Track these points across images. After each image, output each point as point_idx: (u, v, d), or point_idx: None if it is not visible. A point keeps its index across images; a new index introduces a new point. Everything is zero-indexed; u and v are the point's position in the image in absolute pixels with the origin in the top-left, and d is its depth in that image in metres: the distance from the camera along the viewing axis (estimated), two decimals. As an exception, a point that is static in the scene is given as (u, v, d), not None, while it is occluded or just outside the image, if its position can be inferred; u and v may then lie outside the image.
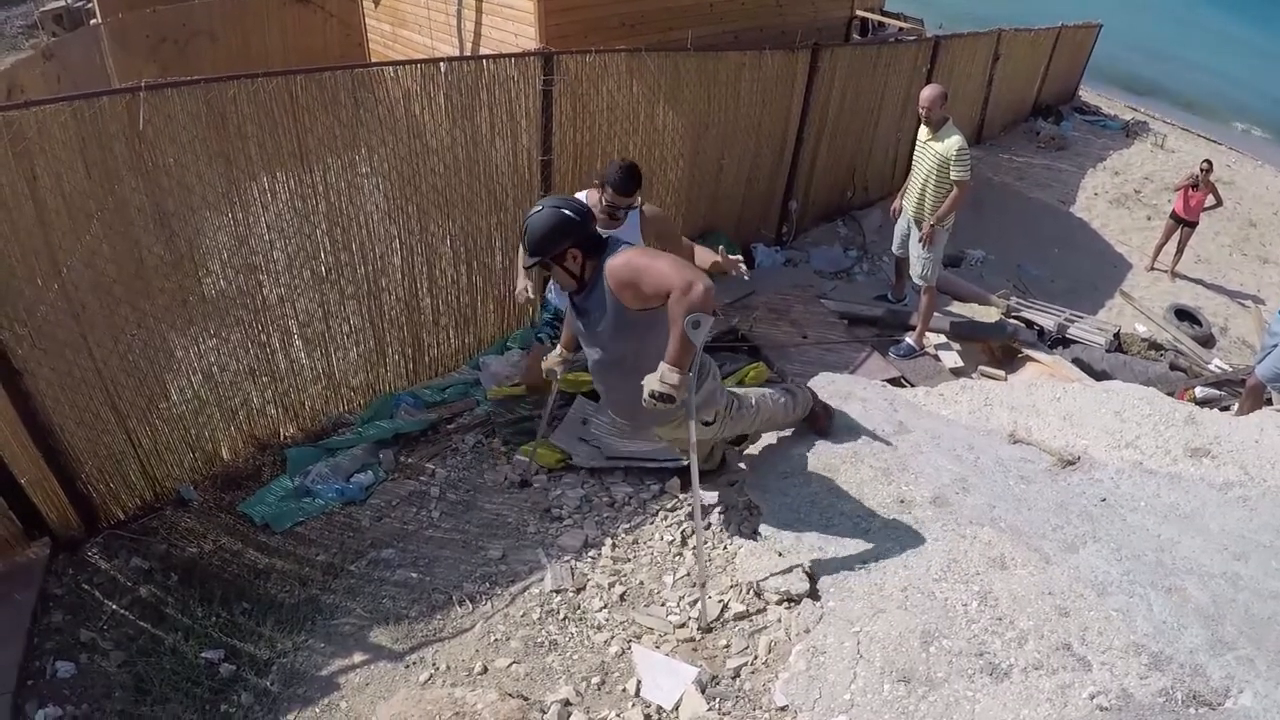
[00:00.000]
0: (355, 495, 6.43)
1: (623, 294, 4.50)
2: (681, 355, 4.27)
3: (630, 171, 5.83)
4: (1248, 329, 13.03)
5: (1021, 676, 3.99)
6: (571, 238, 4.58)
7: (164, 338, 6.09)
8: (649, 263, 4.44)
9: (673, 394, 4.27)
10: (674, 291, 4.20)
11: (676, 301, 4.19)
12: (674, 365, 4.27)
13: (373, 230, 7.02)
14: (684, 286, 4.17)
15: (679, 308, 4.18)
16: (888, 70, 12.86)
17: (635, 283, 4.42)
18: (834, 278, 11.76)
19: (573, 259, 4.64)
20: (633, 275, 4.43)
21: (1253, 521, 5.15)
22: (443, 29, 12.93)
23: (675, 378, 4.26)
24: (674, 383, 4.26)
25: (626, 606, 5.12)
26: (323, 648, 5.16)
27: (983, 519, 4.94)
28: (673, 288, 4.21)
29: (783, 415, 5.78)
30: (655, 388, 4.29)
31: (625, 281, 4.46)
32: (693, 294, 4.16)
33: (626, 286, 4.46)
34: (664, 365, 4.29)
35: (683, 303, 4.17)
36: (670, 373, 4.26)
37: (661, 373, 4.29)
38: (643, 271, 4.40)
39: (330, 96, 6.35)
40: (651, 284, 4.33)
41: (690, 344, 4.25)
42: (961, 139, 8.59)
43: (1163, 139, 20.44)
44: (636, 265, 4.46)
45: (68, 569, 5.70)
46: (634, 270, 4.44)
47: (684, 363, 4.29)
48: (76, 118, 5.11)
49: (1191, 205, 13.97)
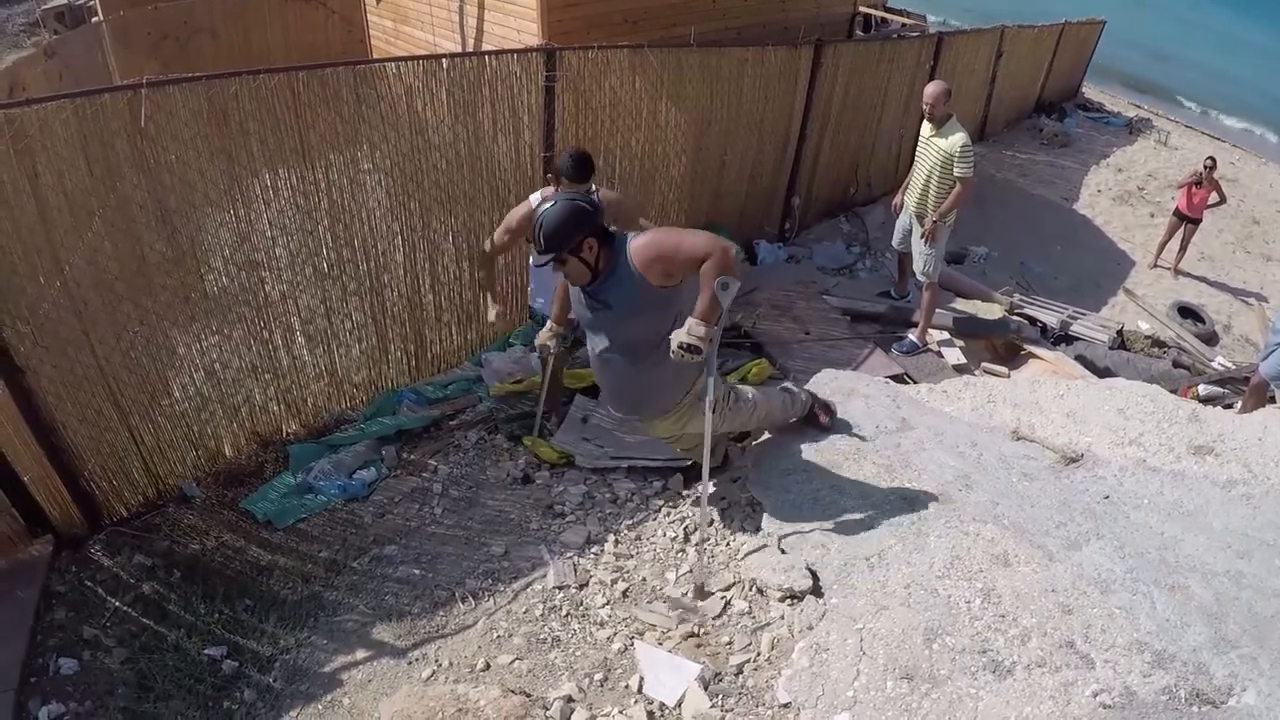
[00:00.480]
0: (358, 492, 6.43)
1: (650, 271, 4.60)
2: (709, 312, 4.51)
3: (581, 158, 5.85)
4: (1251, 327, 13.01)
5: (1024, 674, 3.98)
6: (588, 227, 4.64)
7: (166, 335, 6.08)
8: (677, 238, 4.71)
9: (700, 345, 4.48)
10: (710, 257, 4.45)
11: (711, 265, 4.45)
12: (702, 319, 4.50)
13: (375, 226, 7.01)
14: (719, 253, 4.49)
15: (713, 270, 4.45)
16: (890, 66, 12.84)
17: (667, 257, 4.59)
18: (837, 274, 11.74)
19: (589, 249, 4.68)
20: (662, 250, 4.61)
21: (1256, 519, 5.15)
22: (444, 25, 12.92)
23: (703, 329, 4.49)
24: (701, 334, 4.48)
25: (629, 603, 5.12)
26: (325, 644, 5.17)
27: (986, 516, 4.93)
28: (708, 253, 4.47)
29: (780, 413, 5.82)
30: (684, 339, 4.49)
31: (654, 258, 4.60)
32: (726, 258, 4.47)
33: (656, 262, 4.60)
34: (691, 320, 4.51)
35: (718, 266, 4.45)
36: (698, 325, 4.49)
37: (689, 325, 4.50)
38: (677, 245, 4.61)
39: (332, 93, 6.34)
40: (685, 255, 4.55)
41: (718, 303, 4.51)
42: (965, 135, 8.57)
43: (1166, 136, 20.40)
44: (664, 242, 4.67)
45: (70, 566, 5.71)
46: (662, 247, 4.63)
47: (711, 318, 4.52)
48: (78, 115, 5.11)
49: (1195, 202, 13.94)
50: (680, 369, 4.72)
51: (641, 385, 5.05)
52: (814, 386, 6.51)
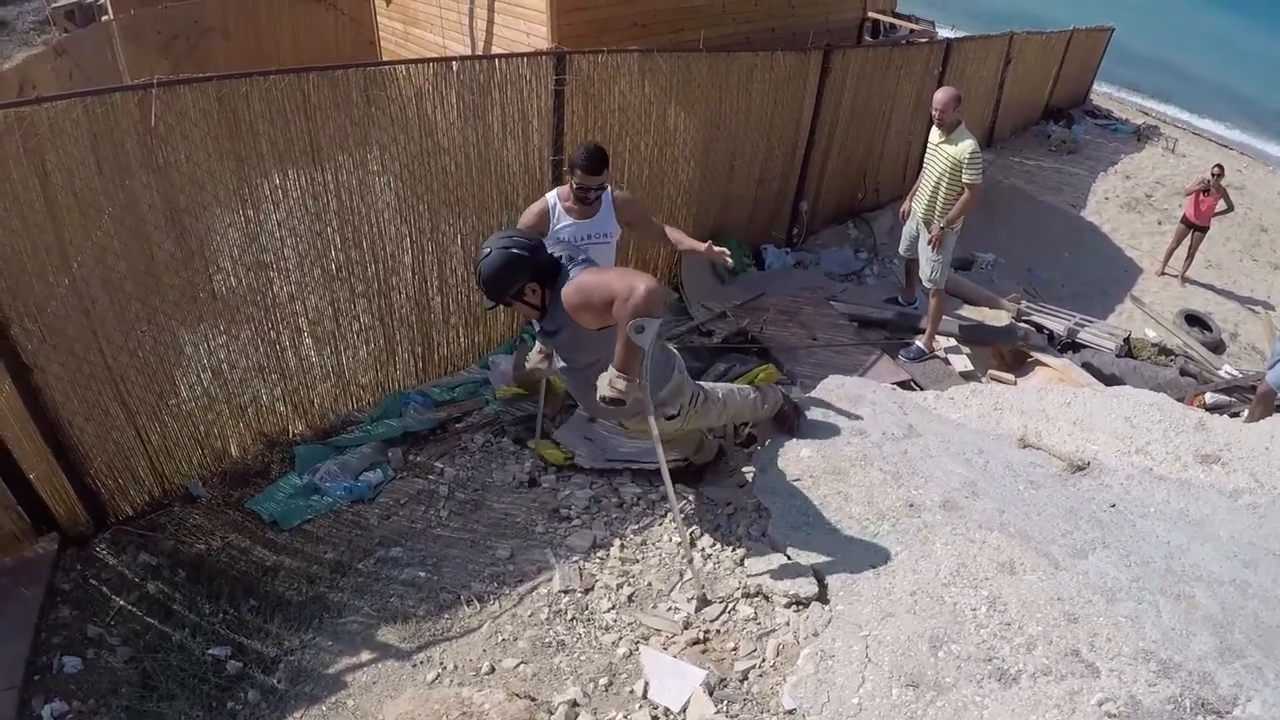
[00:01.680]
0: (363, 493, 6.43)
1: (580, 317, 4.56)
2: (627, 360, 4.34)
3: (595, 152, 5.83)
4: (1258, 335, 13.01)
5: (1030, 682, 3.98)
6: (527, 272, 4.65)
7: (174, 334, 6.09)
8: (596, 279, 4.51)
9: (621, 398, 4.36)
10: (616, 299, 4.26)
11: (620, 308, 4.25)
12: (621, 370, 4.36)
13: (383, 229, 7.01)
14: (625, 292, 4.22)
15: (621, 313, 4.24)
16: (899, 72, 12.84)
17: (587, 303, 4.48)
18: (844, 280, 11.74)
19: (532, 293, 4.72)
20: (584, 296, 4.50)
21: (1262, 529, 5.14)
22: (454, 28, 12.93)
23: (622, 383, 4.35)
24: (621, 388, 4.35)
25: (634, 608, 5.12)
26: (330, 646, 5.17)
27: (992, 524, 4.93)
28: (616, 295, 4.26)
29: (750, 410, 5.86)
30: (605, 392, 4.39)
31: (578, 305, 4.52)
32: (634, 298, 4.20)
33: (581, 310, 4.53)
34: (611, 370, 4.37)
35: (625, 308, 4.23)
36: (617, 379, 4.36)
37: (610, 377, 4.38)
38: (591, 289, 4.46)
39: (342, 95, 6.35)
40: (600, 298, 4.39)
41: (635, 347, 4.31)
42: (974, 142, 8.56)
43: (1174, 143, 20.41)
44: (585, 285, 4.52)
45: (75, 564, 5.71)
46: (584, 291, 4.50)
47: (630, 367, 4.36)
48: (88, 114, 5.12)
49: (1202, 210, 13.95)
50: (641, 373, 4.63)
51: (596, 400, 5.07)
52: (821, 393, 6.53)
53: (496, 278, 4.61)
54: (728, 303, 9.95)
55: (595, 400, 4.94)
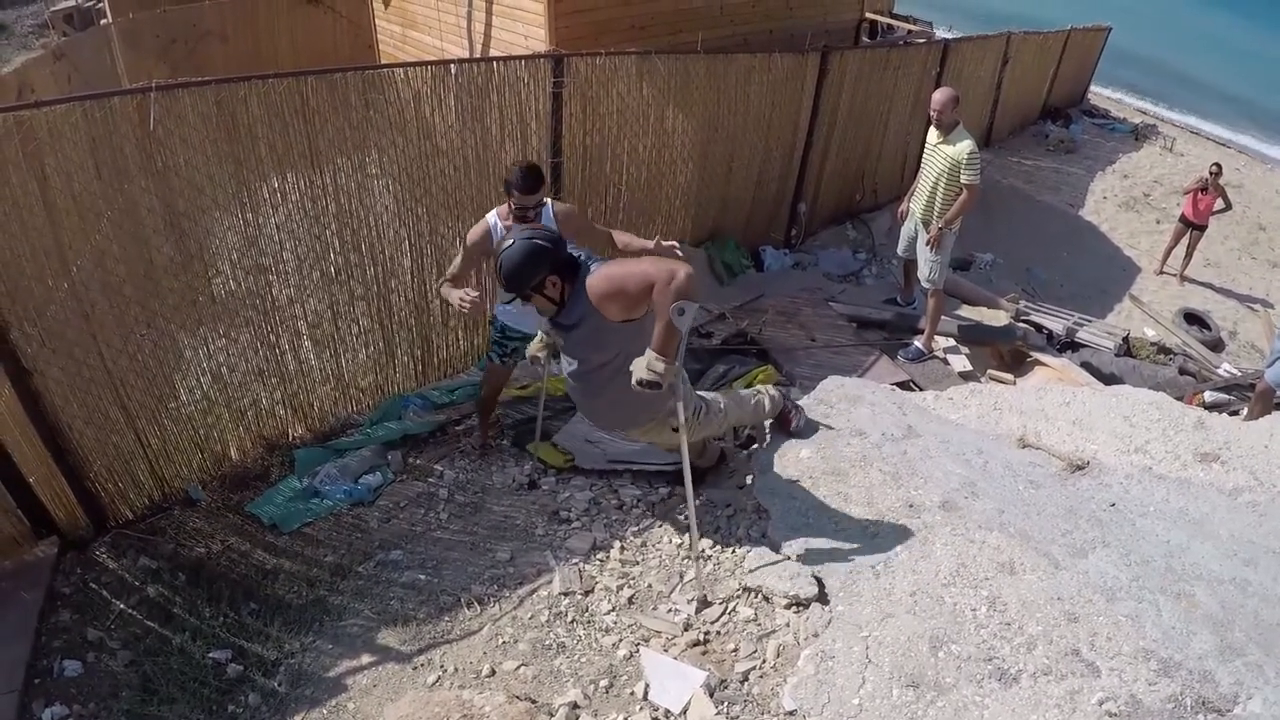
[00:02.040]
0: (363, 496, 6.43)
1: (606, 308, 4.57)
2: (667, 342, 4.34)
3: (530, 170, 5.76)
4: (1257, 333, 13.03)
5: (1030, 682, 3.98)
6: (548, 265, 4.64)
7: (173, 338, 6.10)
8: (628, 269, 4.56)
9: (659, 380, 4.34)
10: (658, 282, 4.28)
11: (661, 291, 4.27)
12: (660, 353, 4.35)
13: (382, 231, 7.02)
14: (666, 276, 4.27)
15: (664, 297, 4.27)
16: (897, 73, 12.86)
17: (620, 291, 4.50)
18: (843, 281, 11.77)
19: (552, 286, 4.69)
20: (615, 285, 4.51)
21: (1262, 527, 5.14)
22: (452, 30, 12.94)
23: (661, 365, 4.33)
24: (660, 370, 4.33)
25: (635, 609, 5.11)
26: (330, 649, 5.17)
27: (992, 524, 4.92)
28: (656, 279, 4.29)
29: (751, 415, 5.88)
30: (643, 375, 4.36)
31: (608, 294, 4.53)
32: (676, 281, 4.25)
33: (611, 299, 4.54)
34: (650, 353, 4.36)
35: (667, 291, 4.25)
36: (656, 360, 4.34)
37: (648, 360, 4.36)
38: (624, 278, 4.50)
39: (341, 98, 6.36)
40: (636, 285, 4.42)
41: (676, 331, 4.33)
42: (972, 143, 8.58)
43: (1172, 142, 20.42)
44: (616, 275, 4.56)
45: (75, 568, 5.72)
46: (615, 281, 4.53)
47: (670, 350, 4.36)
48: (87, 118, 5.13)
49: (1200, 209, 13.96)
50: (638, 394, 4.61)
51: (611, 406, 5.11)
52: (820, 393, 6.52)
53: (519, 268, 4.61)
54: (726, 304, 9.97)
55: (603, 403, 4.98)
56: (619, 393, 4.74)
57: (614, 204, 9.14)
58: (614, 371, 4.72)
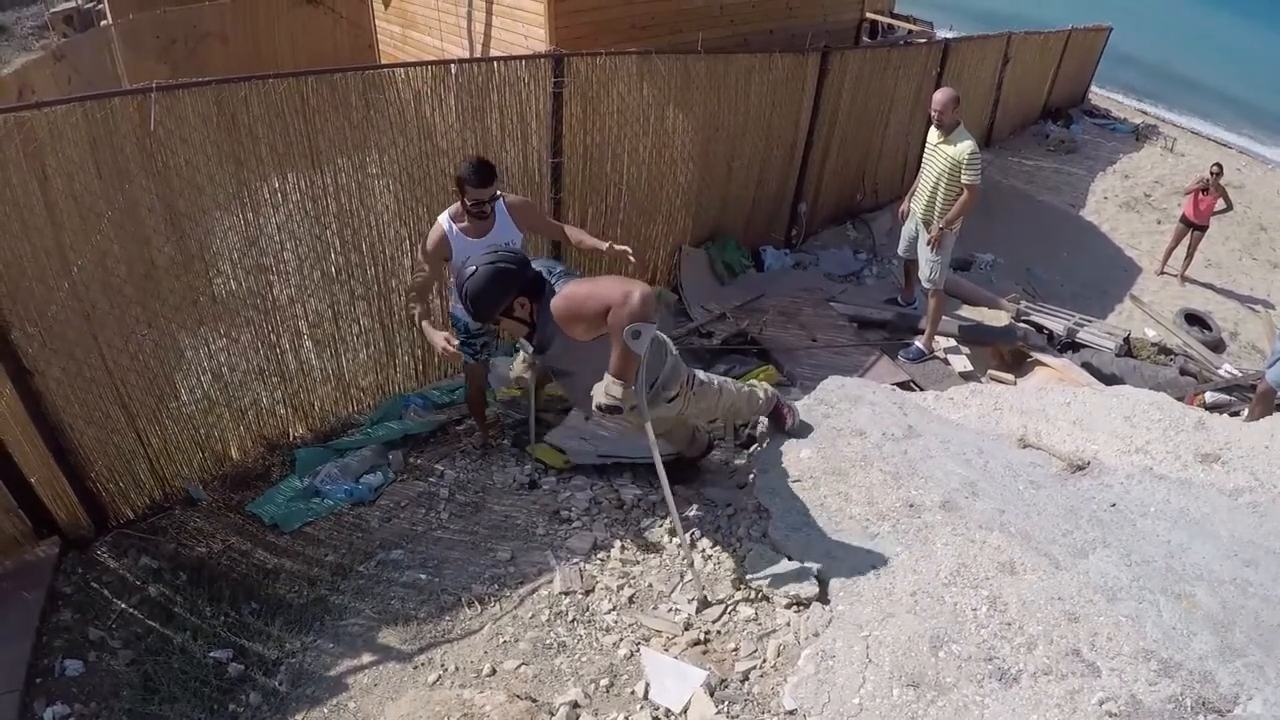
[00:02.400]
0: (364, 496, 6.43)
1: (572, 329, 4.55)
2: (624, 366, 4.36)
3: (482, 164, 5.68)
4: (1258, 334, 13.02)
5: (1030, 682, 3.98)
6: (515, 288, 4.61)
7: (174, 337, 6.11)
8: (586, 289, 4.51)
9: (619, 405, 4.37)
10: (612, 305, 4.26)
11: (614, 314, 4.25)
12: (617, 377, 4.36)
13: (383, 231, 7.03)
14: (620, 298, 4.24)
15: (616, 319, 4.25)
16: (897, 73, 12.86)
17: (579, 313, 4.48)
18: (843, 281, 11.76)
19: (520, 308, 4.68)
20: (575, 307, 4.49)
21: (1263, 527, 5.14)
22: (452, 30, 12.95)
23: (618, 390, 4.36)
24: (618, 395, 4.36)
25: (635, 609, 5.11)
26: (331, 648, 5.17)
27: (992, 524, 4.92)
28: (610, 302, 4.27)
29: (745, 404, 5.86)
30: (601, 400, 4.40)
31: (570, 316, 4.52)
32: (630, 303, 4.22)
33: (573, 321, 4.52)
34: (608, 377, 4.38)
35: (620, 314, 4.24)
36: (614, 385, 4.37)
37: (606, 385, 4.38)
38: (582, 302, 4.46)
39: (341, 98, 6.37)
40: (593, 307, 4.39)
41: (631, 354, 4.32)
42: (973, 142, 8.58)
43: (1173, 142, 20.40)
44: (576, 297, 4.52)
45: (77, 567, 5.72)
46: (575, 302, 4.50)
47: (627, 374, 4.38)
48: (88, 118, 5.13)
49: (1201, 209, 13.95)
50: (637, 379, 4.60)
51: None
52: (821, 393, 6.52)
53: (485, 293, 4.56)
54: (727, 304, 9.97)
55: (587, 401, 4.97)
56: None
57: (614, 204, 9.14)
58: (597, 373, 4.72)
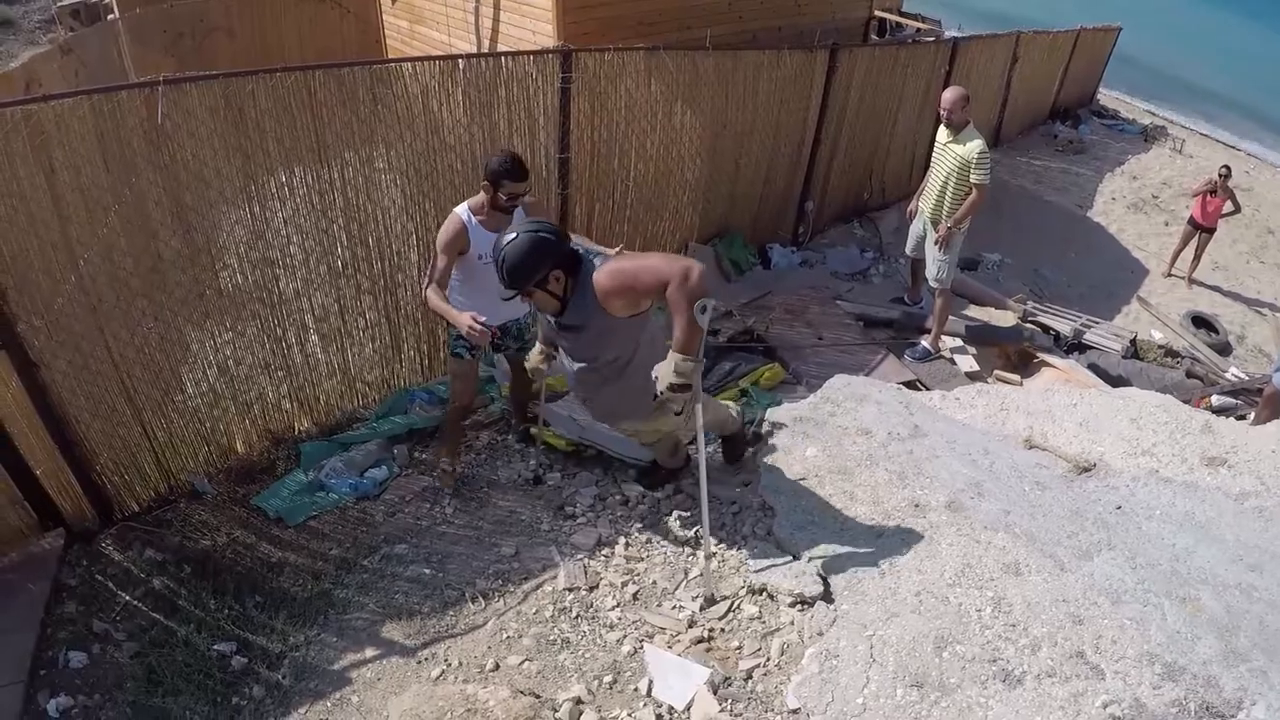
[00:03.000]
0: (369, 490, 6.44)
1: (612, 304, 4.53)
2: (690, 341, 4.34)
3: (520, 159, 5.67)
4: (1265, 337, 12.99)
5: (1034, 684, 3.97)
6: (552, 259, 4.58)
7: (180, 331, 6.11)
8: (639, 264, 4.53)
9: (688, 382, 4.38)
10: (672, 281, 4.26)
11: (677, 289, 4.25)
12: (685, 354, 4.35)
13: (389, 226, 7.03)
14: (682, 274, 4.25)
15: (681, 295, 4.25)
16: (906, 71, 12.82)
17: (629, 287, 4.47)
18: (850, 279, 11.74)
19: (555, 281, 4.64)
20: (624, 281, 4.48)
21: (1268, 532, 5.13)
22: (460, 26, 12.94)
23: (689, 365, 4.36)
24: (687, 371, 4.36)
25: (639, 606, 5.12)
26: (335, 642, 5.18)
27: (997, 525, 4.92)
28: (670, 278, 4.27)
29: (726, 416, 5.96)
30: (672, 379, 4.37)
31: (615, 290, 4.50)
32: (692, 279, 4.24)
33: (618, 295, 4.50)
34: (674, 355, 4.36)
35: (684, 289, 4.24)
36: (683, 362, 4.35)
37: (674, 363, 4.36)
38: (635, 274, 4.46)
39: (348, 92, 6.36)
40: (647, 282, 4.40)
41: (698, 328, 4.32)
42: (982, 142, 8.55)
43: (1181, 144, 20.36)
44: (627, 270, 4.51)
45: (81, 560, 5.74)
46: (624, 276, 4.49)
47: (694, 348, 4.37)
48: (95, 112, 5.14)
49: (1209, 211, 13.92)
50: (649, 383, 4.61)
51: (614, 398, 5.08)
52: (827, 391, 6.52)
53: (523, 262, 4.52)
54: (734, 301, 9.96)
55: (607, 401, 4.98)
56: (628, 385, 4.79)
57: (621, 200, 9.14)
58: (623, 365, 4.73)
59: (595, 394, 5.13)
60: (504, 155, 5.68)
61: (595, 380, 5.00)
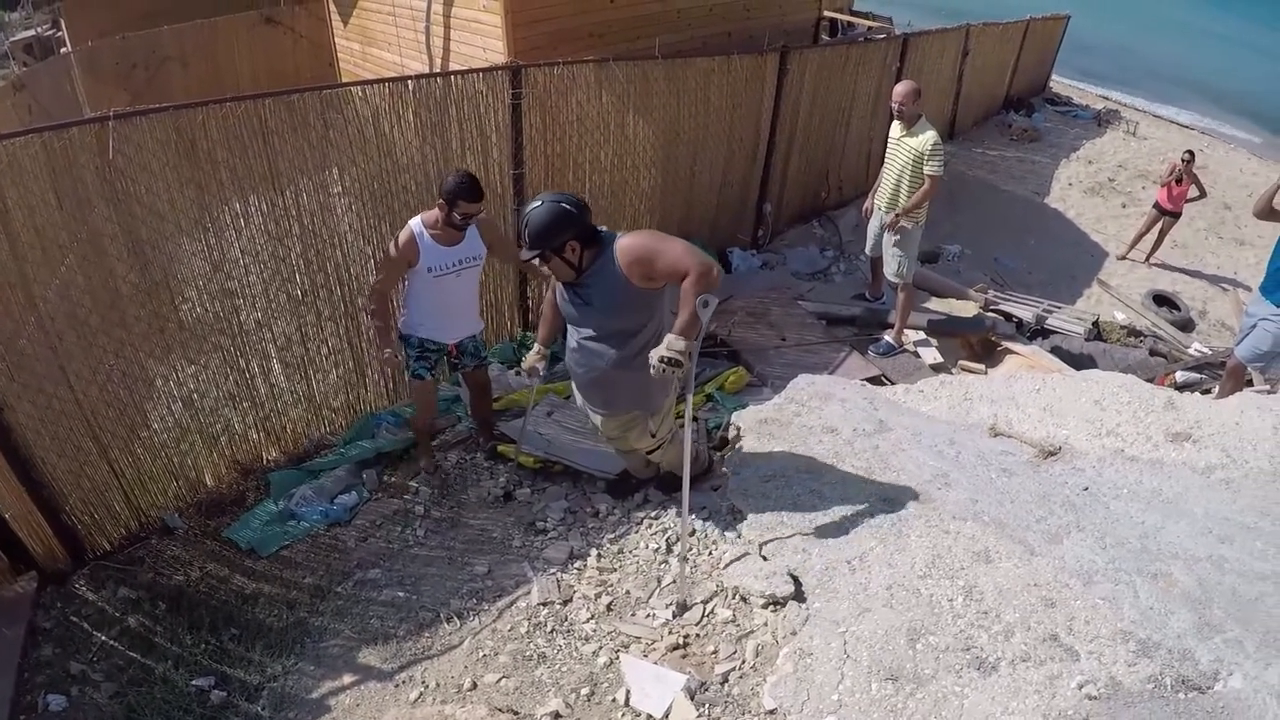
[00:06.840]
0: (340, 516, 6.42)
1: (632, 271, 4.71)
2: (689, 328, 4.51)
3: (475, 180, 5.80)
4: (1226, 311, 13.11)
5: (1009, 669, 3.99)
6: (572, 229, 4.75)
7: (142, 366, 6.08)
8: (664, 245, 4.71)
9: (680, 359, 4.49)
10: (691, 273, 4.50)
11: (694, 282, 4.49)
12: (681, 334, 4.50)
13: (347, 251, 7.02)
14: (702, 269, 4.52)
15: (695, 287, 4.47)
16: (857, 70, 12.90)
17: (650, 260, 4.67)
18: (811, 279, 11.78)
19: (571, 250, 4.81)
20: (648, 254, 4.69)
21: (1236, 503, 5.17)
22: (412, 46, 12.94)
23: (682, 344, 4.50)
24: (681, 349, 4.49)
25: (613, 616, 5.13)
26: (312, 670, 5.17)
27: (966, 514, 4.95)
28: (690, 269, 4.51)
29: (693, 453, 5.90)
30: (665, 354, 4.50)
31: (639, 258, 4.69)
32: (710, 276, 4.52)
33: (639, 263, 4.70)
34: (670, 335, 4.52)
35: (700, 284, 4.48)
36: (678, 340, 4.50)
37: (668, 341, 4.51)
38: (659, 253, 4.66)
39: (299, 118, 6.35)
40: (666, 264, 4.61)
41: (698, 320, 4.51)
42: (935, 134, 8.59)
43: (1134, 126, 20.55)
44: (651, 246, 4.73)
45: (55, 602, 5.69)
46: (649, 250, 4.70)
47: (691, 334, 4.52)
48: (46, 149, 5.12)
49: (1175, 196, 14.02)
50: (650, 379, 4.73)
51: (614, 381, 5.16)
52: (791, 392, 6.55)
53: (545, 225, 4.73)
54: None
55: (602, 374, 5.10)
56: (625, 369, 4.96)
57: (578, 213, 9.11)
58: (626, 339, 4.91)
59: (594, 374, 5.21)
60: (460, 175, 5.76)
61: (595, 358, 5.10)
